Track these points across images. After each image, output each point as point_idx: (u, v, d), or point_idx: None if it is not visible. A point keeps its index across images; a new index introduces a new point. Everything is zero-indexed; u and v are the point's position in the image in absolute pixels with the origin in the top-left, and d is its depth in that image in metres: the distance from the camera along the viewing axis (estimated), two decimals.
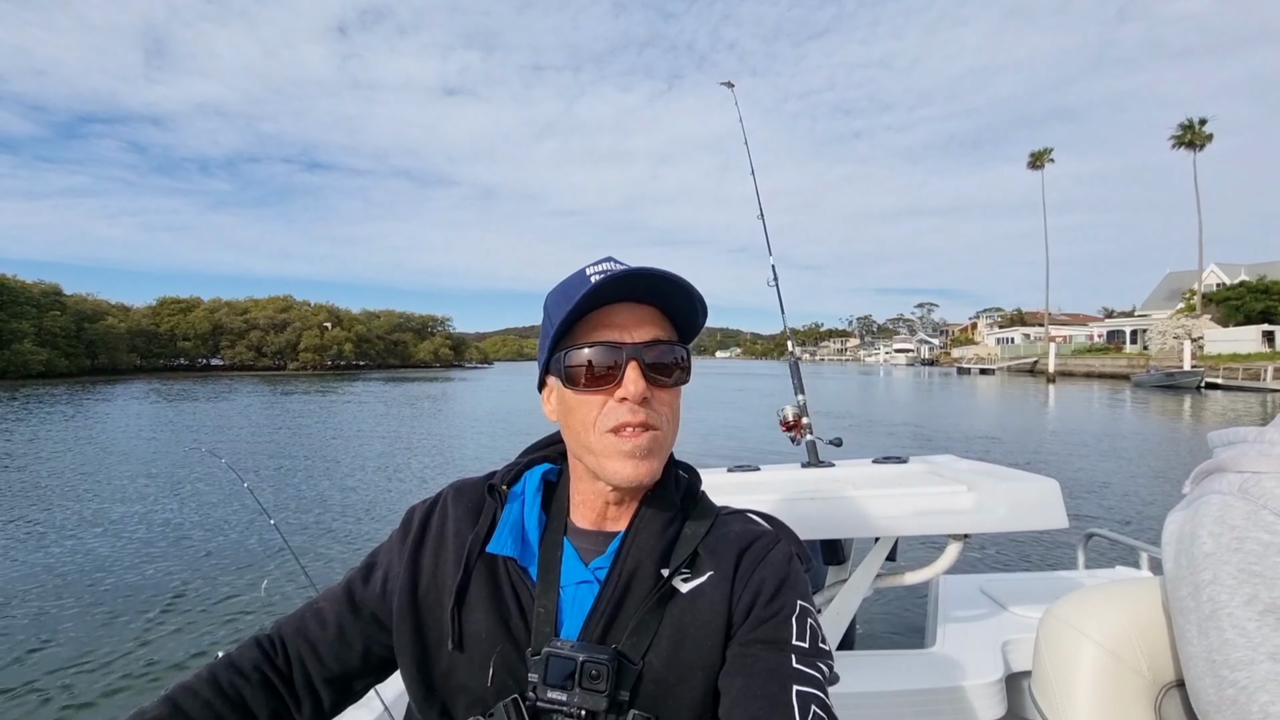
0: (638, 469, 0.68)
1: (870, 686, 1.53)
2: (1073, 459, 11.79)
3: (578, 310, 0.68)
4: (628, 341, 0.69)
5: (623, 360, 0.68)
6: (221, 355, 73.66)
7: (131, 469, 11.27)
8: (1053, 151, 66.97)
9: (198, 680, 0.72)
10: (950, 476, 1.69)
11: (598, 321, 0.70)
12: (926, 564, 1.69)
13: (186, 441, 15.38)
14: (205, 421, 20.22)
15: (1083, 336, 64.43)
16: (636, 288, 0.69)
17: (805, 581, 0.73)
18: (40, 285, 58.56)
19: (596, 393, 0.69)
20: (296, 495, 9.24)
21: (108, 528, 7.37)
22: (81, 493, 9.32)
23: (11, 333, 50.13)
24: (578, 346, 0.70)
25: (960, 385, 41.53)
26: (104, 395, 32.51)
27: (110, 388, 40.28)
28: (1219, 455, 0.86)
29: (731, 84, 2.86)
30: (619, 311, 0.70)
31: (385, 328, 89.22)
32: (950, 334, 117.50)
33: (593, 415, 0.69)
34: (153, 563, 6.15)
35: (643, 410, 0.68)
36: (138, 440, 15.60)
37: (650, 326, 0.71)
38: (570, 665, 0.65)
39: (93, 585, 5.56)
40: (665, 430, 0.71)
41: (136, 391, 36.27)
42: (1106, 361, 47.68)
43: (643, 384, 0.68)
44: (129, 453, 13.34)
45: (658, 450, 0.70)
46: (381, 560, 0.80)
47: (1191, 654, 0.76)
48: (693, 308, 0.72)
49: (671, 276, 0.68)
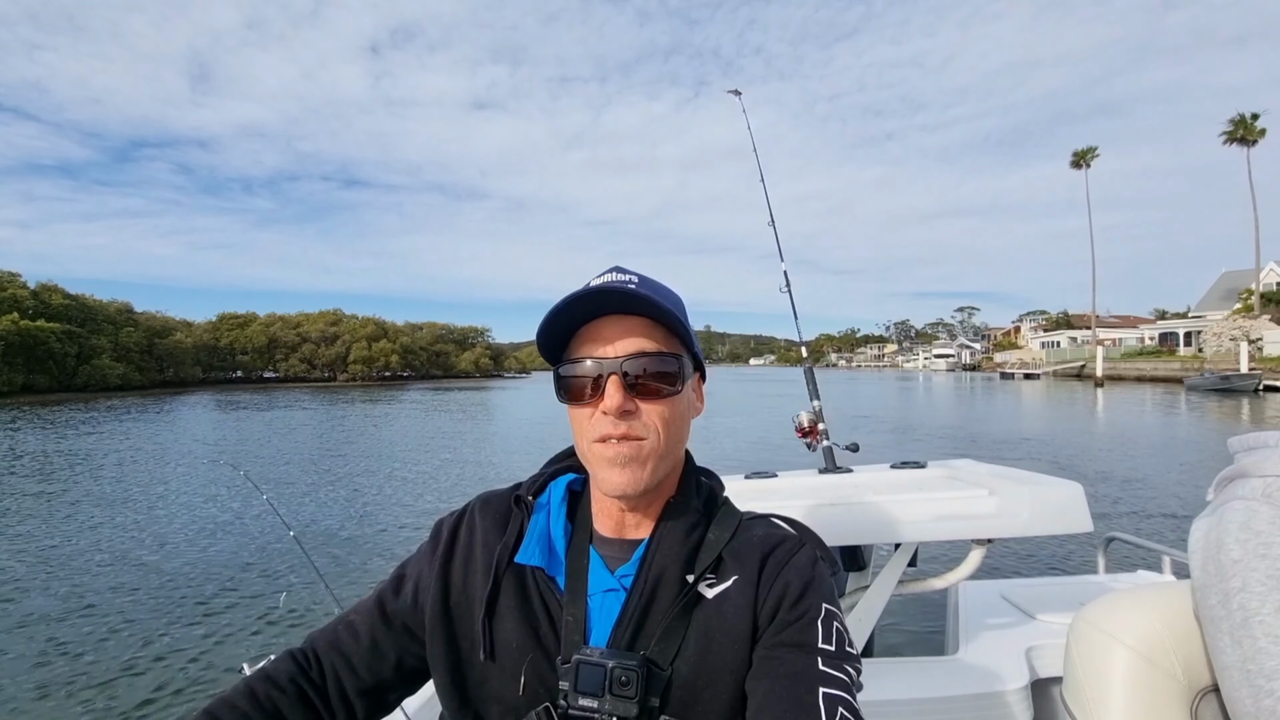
0: (620, 476, 0.70)
1: (892, 694, 1.53)
2: (1119, 464, 11.91)
3: (557, 329, 0.72)
4: (610, 355, 0.71)
5: (604, 375, 0.70)
6: (276, 368, 76.97)
7: (174, 481, 11.47)
8: (1097, 150, 65.47)
9: (235, 694, 0.73)
10: (971, 481, 1.68)
11: (586, 336, 0.73)
12: (948, 570, 1.67)
13: (231, 453, 15.80)
14: (271, 433, 21.23)
15: (1133, 339, 62.63)
16: (612, 301, 0.71)
17: (830, 585, 0.74)
18: (115, 304, 62.57)
19: (586, 406, 0.72)
20: (346, 508, 9.38)
21: (143, 538, 7.59)
22: (133, 503, 9.58)
23: (92, 349, 53.71)
24: (567, 362, 0.73)
25: (1004, 391, 40.96)
26: (172, 407, 34.69)
27: (179, 399, 42.93)
28: (1240, 461, 0.86)
29: (739, 92, 2.84)
30: (605, 325, 0.72)
31: (428, 339, 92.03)
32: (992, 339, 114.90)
33: (585, 426, 0.72)
34: (182, 572, 6.30)
35: (624, 423, 0.70)
36: (192, 450, 16.75)
37: (636, 338, 0.72)
38: (600, 673, 0.66)
39: (126, 591, 5.81)
40: (652, 440, 0.72)
41: (201, 402, 38.46)
42: (1158, 365, 46.36)
43: (620, 397, 0.69)
44: (179, 464, 13.61)
45: (641, 459, 0.71)
46: (411, 572, 0.82)
47: (1226, 664, 0.75)
48: (667, 314, 0.72)
49: (625, 289, 0.70)
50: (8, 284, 50.48)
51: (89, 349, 53.38)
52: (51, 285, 55.02)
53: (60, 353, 49.59)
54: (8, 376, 44.78)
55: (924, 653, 1.76)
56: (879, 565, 1.70)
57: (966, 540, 1.57)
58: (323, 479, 11.72)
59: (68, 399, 42.98)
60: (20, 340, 46.04)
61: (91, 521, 8.51)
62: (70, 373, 50.94)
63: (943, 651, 1.78)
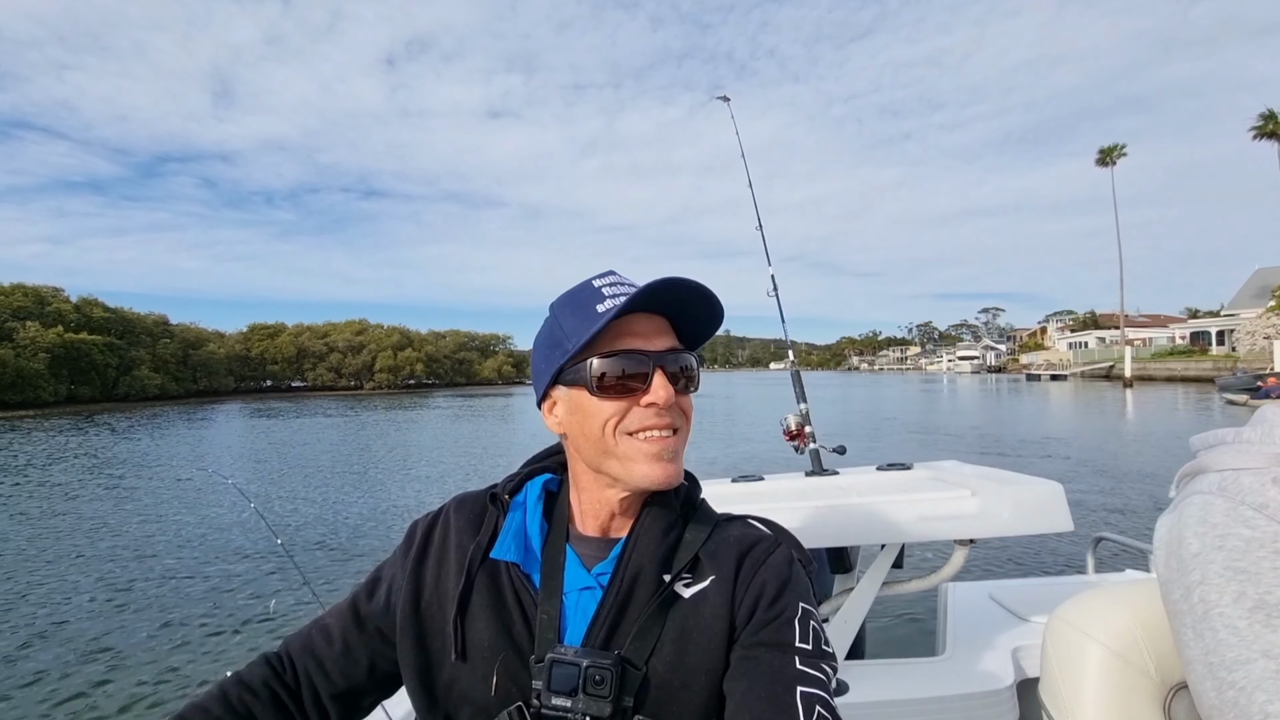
0: (667, 470, 0.71)
1: (880, 695, 1.53)
2: (1141, 463, 11.96)
3: (608, 319, 0.70)
4: (653, 349, 0.72)
5: (650, 368, 0.71)
6: (304, 377, 78.70)
7: (182, 491, 11.39)
8: (1124, 147, 64.49)
9: (208, 699, 0.73)
10: (954, 481, 1.69)
11: (620, 330, 0.72)
12: (933, 571, 1.68)
13: (269, 458, 16.08)
14: (306, 440, 21.78)
15: (1164, 339, 61.41)
16: (651, 300, 0.72)
17: (807, 584, 0.74)
18: (152, 316, 64.51)
19: (623, 399, 0.71)
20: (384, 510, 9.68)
21: (145, 547, 7.59)
22: (152, 512, 9.61)
23: (132, 360, 55.58)
24: (606, 355, 0.71)
25: (1030, 392, 40.49)
26: (209, 415, 35.87)
27: (214, 408, 44.33)
28: (1200, 457, 0.87)
29: (727, 98, 2.82)
30: (638, 321, 0.73)
31: (451, 347, 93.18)
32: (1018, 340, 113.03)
33: (615, 420, 0.71)
34: (175, 578, 6.35)
35: (668, 414, 0.71)
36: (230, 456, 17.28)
37: (667, 336, 0.74)
38: (574, 671, 0.66)
39: (124, 596, 5.88)
40: (685, 434, 0.74)
41: (234, 411, 39.56)
42: (1189, 365, 45.51)
43: (670, 389, 0.71)
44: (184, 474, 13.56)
45: (681, 453, 0.73)
46: (385, 575, 0.82)
47: (1190, 657, 0.76)
48: (711, 316, 0.75)
49: (700, 287, 0.71)
50: (52, 299, 52.55)
51: (128, 360, 55.28)
52: (92, 299, 57.13)
53: (102, 364, 51.44)
54: (54, 387, 46.58)
55: (913, 654, 1.77)
56: (866, 567, 1.71)
57: (949, 540, 1.58)
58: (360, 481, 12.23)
59: (111, 408, 44.69)
60: (65, 352, 47.89)
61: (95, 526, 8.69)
62: (112, 383, 52.81)
63: (932, 652, 1.77)
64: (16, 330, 46.10)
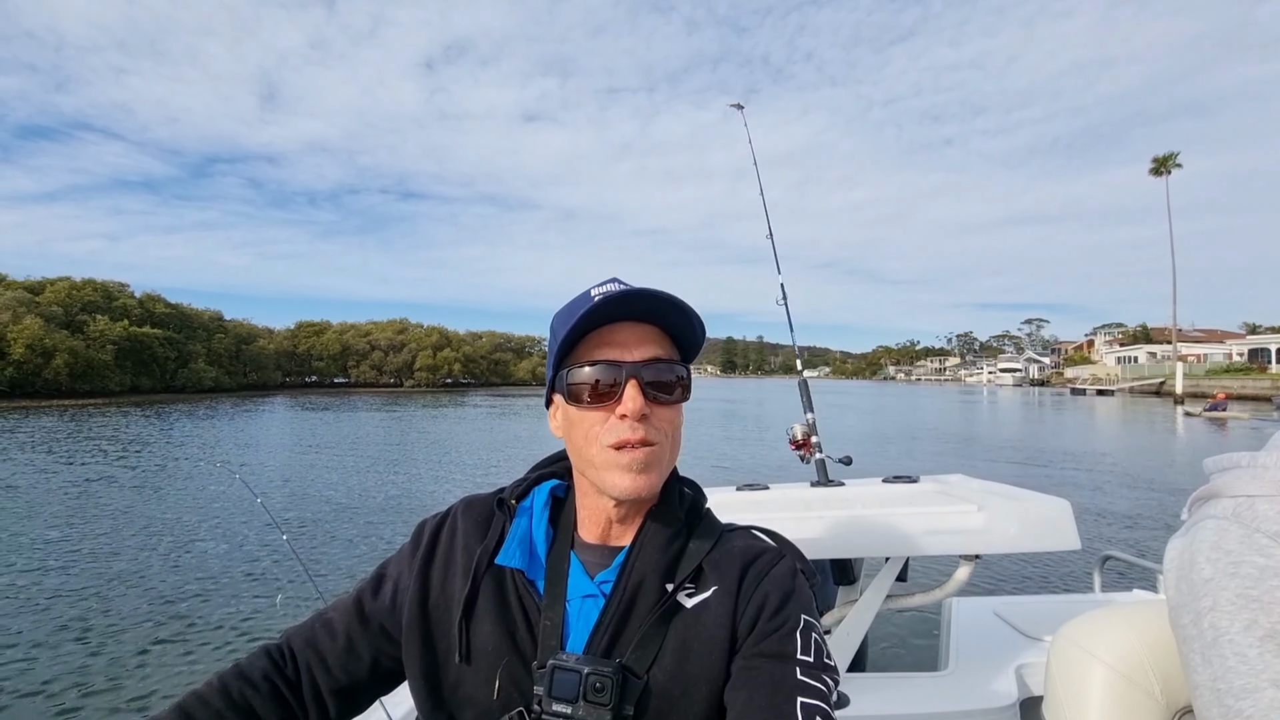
0: (636, 482, 0.70)
1: (882, 709, 1.51)
2: (1179, 478, 11.78)
3: (579, 329, 0.71)
4: (627, 360, 0.71)
5: (622, 378, 0.70)
6: (348, 373, 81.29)
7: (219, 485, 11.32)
8: (1179, 156, 62.08)
9: (208, 689, 0.73)
10: (960, 496, 1.68)
11: (599, 340, 0.73)
12: (937, 585, 1.67)
13: (318, 449, 16.50)
14: (352, 434, 22.44)
15: (1219, 355, 59.05)
16: (636, 307, 0.72)
17: (809, 597, 0.74)
18: (208, 312, 67.82)
19: (598, 409, 0.71)
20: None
21: (161, 539, 7.64)
22: (182, 504, 9.74)
23: (189, 354, 58.54)
24: (580, 365, 0.72)
25: (1074, 407, 39.49)
26: (262, 408, 37.55)
27: (265, 400, 46.35)
28: (1214, 481, 0.86)
29: (741, 105, 2.84)
30: (620, 330, 0.73)
31: (488, 348, 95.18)
32: (1063, 353, 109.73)
33: (595, 431, 0.71)
34: (181, 573, 6.37)
35: (641, 427, 0.70)
36: (269, 450, 17.91)
37: (650, 345, 0.73)
38: (575, 678, 0.66)
39: (127, 590, 5.87)
40: (664, 445, 0.73)
41: (281, 404, 41.22)
42: (1246, 383, 43.68)
43: (641, 401, 0.70)
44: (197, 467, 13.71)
45: (655, 465, 0.72)
46: (391, 572, 0.82)
47: (1197, 683, 0.75)
48: (689, 325, 0.74)
49: (667, 296, 0.71)
50: (118, 294, 55.66)
51: (186, 353, 58.15)
52: (155, 295, 60.28)
53: (163, 357, 54.31)
54: (119, 378, 49.39)
55: (916, 668, 1.75)
56: (870, 579, 1.70)
57: (954, 555, 1.56)
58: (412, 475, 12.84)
59: (169, 399, 47.13)
60: (130, 345, 50.72)
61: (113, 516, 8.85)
62: (170, 375, 55.65)
63: (935, 668, 1.75)
64: (87, 323, 48.95)
